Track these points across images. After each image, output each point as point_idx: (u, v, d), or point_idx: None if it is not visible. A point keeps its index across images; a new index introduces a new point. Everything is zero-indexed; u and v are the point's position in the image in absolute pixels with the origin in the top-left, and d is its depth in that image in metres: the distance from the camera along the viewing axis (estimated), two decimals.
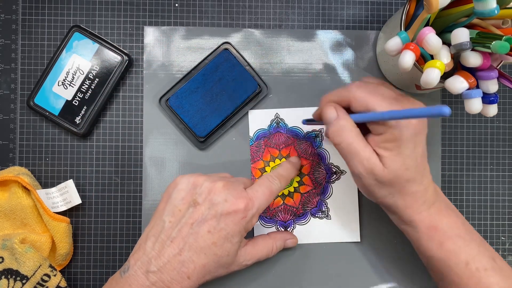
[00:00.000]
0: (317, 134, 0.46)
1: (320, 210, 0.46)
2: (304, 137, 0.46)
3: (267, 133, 0.46)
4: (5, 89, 0.46)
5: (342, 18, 0.47)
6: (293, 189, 0.46)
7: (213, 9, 0.47)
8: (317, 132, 0.46)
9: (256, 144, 0.46)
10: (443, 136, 0.47)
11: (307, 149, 0.46)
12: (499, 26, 0.37)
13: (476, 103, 0.36)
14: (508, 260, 0.47)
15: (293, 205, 0.46)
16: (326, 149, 0.46)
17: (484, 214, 0.48)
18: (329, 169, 0.46)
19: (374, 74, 0.47)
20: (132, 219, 0.46)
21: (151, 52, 0.46)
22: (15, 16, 0.46)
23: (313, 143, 0.46)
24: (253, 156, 0.46)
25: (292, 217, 0.46)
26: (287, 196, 0.46)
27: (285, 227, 0.46)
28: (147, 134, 0.46)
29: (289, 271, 0.46)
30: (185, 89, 0.45)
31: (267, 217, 0.46)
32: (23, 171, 0.44)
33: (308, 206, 0.46)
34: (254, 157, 0.46)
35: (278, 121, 0.46)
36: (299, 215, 0.46)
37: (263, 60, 0.47)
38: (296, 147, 0.46)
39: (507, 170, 0.48)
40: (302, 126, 0.46)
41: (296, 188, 0.46)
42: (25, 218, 0.43)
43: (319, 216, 0.46)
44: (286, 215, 0.46)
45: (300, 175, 0.46)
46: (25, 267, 0.41)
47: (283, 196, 0.46)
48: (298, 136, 0.46)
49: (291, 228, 0.46)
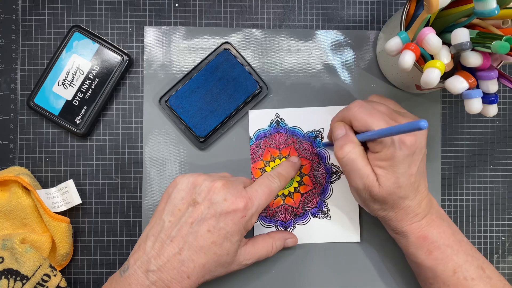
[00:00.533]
0: (317, 134, 0.46)
1: (320, 210, 0.46)
2: (304, 137, 0.46)
3: (267, 133, 0.46)
4: (5, 89, 0.46)
5: (342, 18, 0.47)
6: (293, 189, 0.46)
7: (213, 9, 0.47)
8: (317, 132, 0.46)
9: (256, 144, 0.46)
10: (443, 136, 0.47)
11: (307, 149, 0.46)
12: (499, 26, 0.37)
13: (476, 103, 0.36)
14: (508, 260, 0.47)
15: (293, 205, 0.46)
16: (326, 149, 0.46)
17: (484, 214, 0.48)
18: (329, 169, 0.46)
19: (374, 74, 0.47)
20: (132, 219, 0.46)
21: (151, 52, 0.46)
22: (15, 16, 0.46)
23: (313, 143, 0.46)
24: (253, 156, 0.46)
25: (292, 217, 0.46)
26: (287, 196, 0.46)
27: (285, 227, 0.46)
28: (147, 134, 0.46)
29: (289, 271, 0.46)
30: (185, 89, 0.45)
31: (267, 217, 0.46)
32: (23, 171, 0.44)
33: (308, 206, 0.46)
34: (254, 157, 0.46)
35: (278, 121, 0.46)
36: (299, 215, 0.46)
37: (263, 60, 0.47)
38: (296, 147, 0.46)
39: (507, 170, 0.48)
40: (302, 126, 0.46)
41: (296, 188, 0.46)
42: (25, 218, 0.43)
43: (319, 216, 0.46)
44: (286, 215, 0.46)
45: (300, 175, 0.46)
46: (25, 267, 0.41)
47: (283, 196, 0.46)
48: (298, 136, 0.46)
49: (291, 228, 0.46)
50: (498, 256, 0.47)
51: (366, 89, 0.47)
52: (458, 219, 0.47)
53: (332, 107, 0.46)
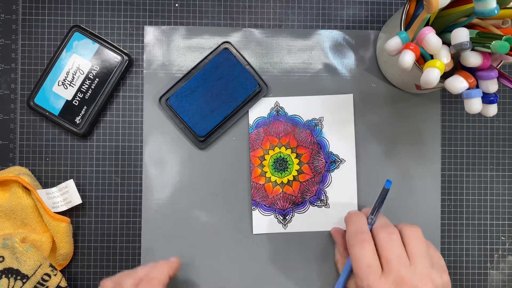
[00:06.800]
0: (316, 123, 0.46)
1: (319, 198, 0.46)
2: (304, 126, 0.46)
3: (266, 121, 0.46)
4: (5, 89, 0.46)
5: (342, 18, 0.47)
6: (292, 178, 0.46)
7: (213, 9, 0.47)
8: (317, 121, 0.46)
9: (256, 132, 0.46)
10: (443, 136, 0.47)
11: (307, 137, 0.46)
12: (499, 26, 0.37)
13: (476, 103, 0.36)
14: (508, 260, 0.47)
15: (292, 193, 0.46)
16: (325, 137, 0.46)
17: (484, 214, 0.48)
18: (329, 158, 0.46)
19: (374, 74, 0.47)
20: (132, 219, 0.46)
21: (151, 51, 0.46)
22: (15, 16, 0.46)
23: (312, 132, 0.46)
24: (253, 144, 0.46)
25: (291, 206, 0.46)
26: (286, 184, 0.46)
27: (284, 215, 0.46)
28: (147, 134, 0.46)
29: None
30: (185, 89, 0.45)
31: (266, 205, 0.46)
32: (24, 171, 0.44)
33: (307, 194, 0.46)
34: (253, 145, 0.46)
35: (278, 109, 0.46)
36: (298, 204, 0.46)
37: (263, 60, 0.47)
38: (295, 135, 0.46)
39: (507, 170, 0.48)
40: (301, 114, 0.46)
41: (295, 177, 0.46)
42: (25, 218, 0.43)
43: (318, 205, 0.46)
44: (285, 203, 0.46)
45: (300, 164, 0.46)
46: (25, 266, 0.41)
47: (282, 185, 0.46)
48: (298, 125, 0.46)
49: (290, 216, 0.46)
50: (498, 256, 0.47)
51: (366, 89, 0.47)
52: (458, 219, 0.47)
53: (332, 95, 0.46)
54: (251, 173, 0.46)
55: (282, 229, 0.46)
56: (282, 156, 0.46)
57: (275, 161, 0.46)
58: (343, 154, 0.46)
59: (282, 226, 0.46)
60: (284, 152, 0.46)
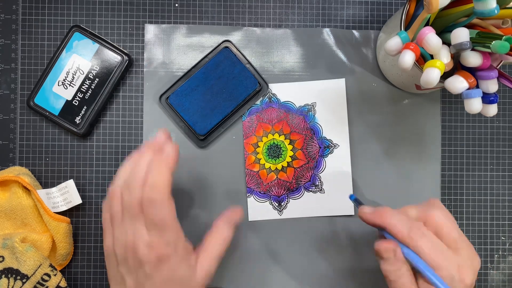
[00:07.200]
0: (309, 109, 0.46)
1: (313, 184, 0.46)
2: (297, 112, 0.46)
3: (259, 108, 0.46)
4: (5, 89, 0.46)
5: (342, 18, 0.47)
6: (287, 164, 0.46)
7: (213, 9, 0.47)
8: (309, 107, 0.46)
9: (249, 120, 0.46)
10: (443, 136, 0.47)
11: (300, 123, 0.46)
12: (499, 26, 0.37)
13: (476, 103, 0.36)
14: (508, 260, 0.47)
15: (286, 179, 0.46)
16: (319, 123, 0.46)
17: (484, 214, 0.48)
18: (322, 143, 0.46)
19: (374, 74, 0.47)
20: None
21: (152, 50, 0.46)
22: (15, 16, 0.46)
23: (305, 118, 0.46)
24: (246, 132, 0.46)
25: (285, 192, 0.46)
26: (281, 170, 0.46)
27: (279, 202, 0.46)
28: (147, 133, 0.46)
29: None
30: (185, 87, 0.45)
31: (261, 192, 0.46)
32: (24, 171, 0.44)
33: (301, 180, 0.46)
34: (246, 132, 0.46)
35: (270, 96, 0.46)
36: (292, 190, 0.46)
37: (264, 59, 0.47)
38: (288, 121, 0.46)
39: (507, 170, 0.48)
40: (294, 100, 0.46)
41: (289, 163, 0.46)
42: (25, 218, 0.43)
43: (312, 190, 0.46)
44: (279, 190, 0.46)
45: (293, 150, 0.46)
46: (25, 266, 0.41)
47: (276, 171, 0.46)
48: (291, 111, 0.46)
49: (285, 202, 0.46)
50: (498, 256, 0.47)
51: (366, 88, 0.47)
52: (458, 219, 0.47)
53: (324, 80, 0.46)
54: (245, 161, 0.46)
55: (277, 216, 0.46)
56: (276, 143, 0.46)
57: (268, 148, 0.46)
58: (336, 139, 0.46)
59: (277, 212, 0.46)
60: (278, 138, 0.46)
